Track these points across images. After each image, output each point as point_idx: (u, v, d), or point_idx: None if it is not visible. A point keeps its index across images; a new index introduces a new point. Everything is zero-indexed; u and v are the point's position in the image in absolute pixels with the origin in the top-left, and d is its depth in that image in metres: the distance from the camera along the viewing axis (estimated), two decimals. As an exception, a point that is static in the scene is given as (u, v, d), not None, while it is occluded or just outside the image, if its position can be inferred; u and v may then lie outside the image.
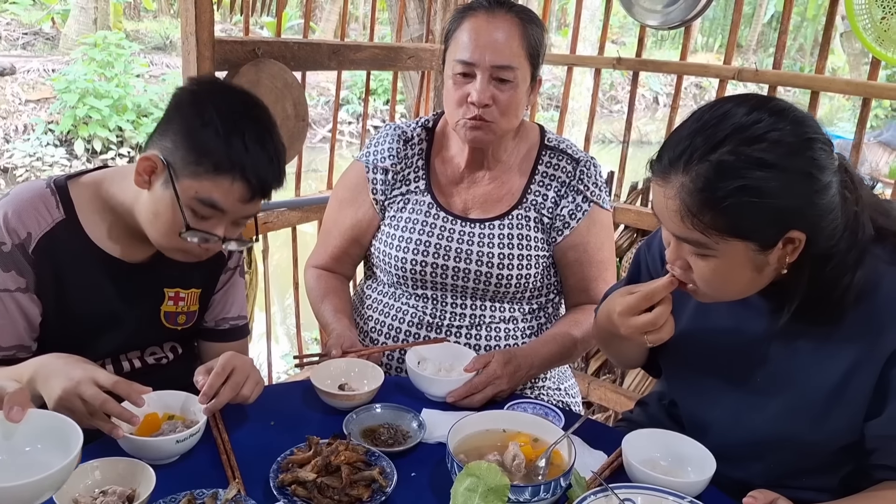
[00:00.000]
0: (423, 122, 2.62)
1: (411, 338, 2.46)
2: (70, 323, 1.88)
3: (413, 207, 2.49)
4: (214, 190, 1.84)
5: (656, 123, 20.84)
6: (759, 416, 1.85)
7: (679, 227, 1.63)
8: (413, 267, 2.43)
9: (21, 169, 12.18)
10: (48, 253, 1.92)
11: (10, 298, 1.90)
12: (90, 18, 16.31)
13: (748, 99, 1.62)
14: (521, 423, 1.88)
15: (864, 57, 16.27)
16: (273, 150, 1.90)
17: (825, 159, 1.57)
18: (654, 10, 3.76)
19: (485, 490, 1.54)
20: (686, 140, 1.59)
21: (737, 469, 1.89)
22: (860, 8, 3.20)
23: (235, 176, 1.83)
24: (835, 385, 1.74)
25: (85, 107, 12.83)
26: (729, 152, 1.53)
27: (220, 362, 1.89)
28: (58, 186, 1.98)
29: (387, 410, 2.02)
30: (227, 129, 1.82)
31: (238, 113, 1.87)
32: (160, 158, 1.85)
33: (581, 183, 2.48)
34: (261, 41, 3.20)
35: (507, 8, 2.32)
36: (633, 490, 1.68)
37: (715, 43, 28.74)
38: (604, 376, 4.35)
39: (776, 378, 1.83)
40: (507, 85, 2.30)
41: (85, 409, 1.67)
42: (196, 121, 1.84)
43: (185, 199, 1.85)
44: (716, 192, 1.54)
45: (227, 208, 1.87)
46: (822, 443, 1.80)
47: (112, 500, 1.54)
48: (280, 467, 1.71)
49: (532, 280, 2.44)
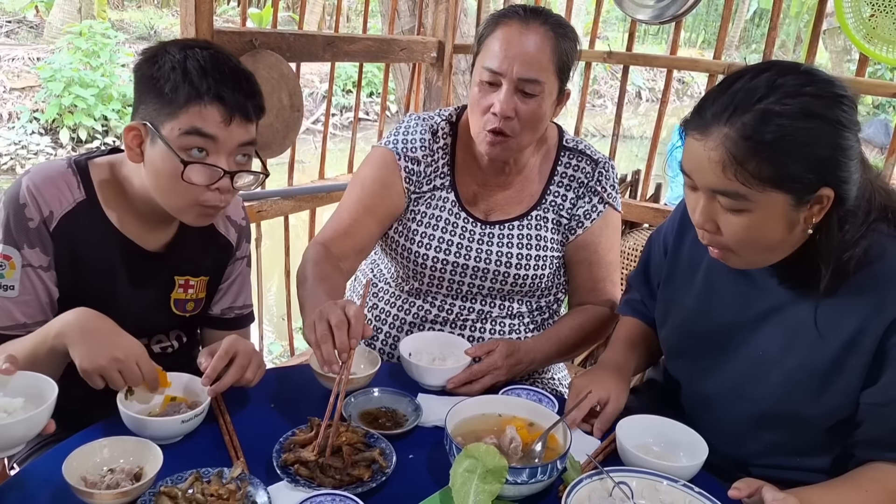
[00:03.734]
0: (447, 116, 2.56)
1: (415, 329, 2.48)
2: (81, 304, 1.89)
3: (437, 204, 2.48)
4: (193, 119, 1.85)
5: (639, 118, 20.85)
6: (759, 388, 1.89)
7: (719, 179, 1.64)
8: (434, 264, 2.44)
9: (6, 157, 12.09)
10: (68, 232, 1.94)
11: (35, 275, 1.92)
12: (74, 7, 16.19)
13: (777, 63, 1.67)
14: (517, 408, 1.91)
15: (847, 54, 16.35)
16: (234, 69, 1.92)
17: (854, 117, 1.62)
18: (644, 4, 3.78)
19: (483, 471, 1.58)
20: (729, 96, 1.63)
21: (733, 447, 1.94)
22: (848, 5, 3.24)
23: (203, 99, 1.84)
24: (834, 356, 1.78)
25: (70, 96, 12.73)
26: (774, 102, 1.57)
27: (222, 346, 1.92)
28: (78, 167, 1.99)
29: (384, 394, 2.05)
30: (181, 63, 1.85)
31: (188, 47, 1.90)
32: (141, 123, 1.89)
33: (599, 184, 2.49)
34: (258, 32, 3.22)
35: (542, 19, 2.27)
36: (628, 474, 1.70)
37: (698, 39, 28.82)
38: (590, 366, 4.38)
39: (777, 350, 1.87)
40: (532, 98, 2.26)
41: (118, 381, 1.77)
42: (153, 69, 1.87)
43: (174, 142, 1.86)
44: (762, 138, 1.57)
45: (214, 133, 1.87)
46: (820, 417, 1.84)
47: (120, 478, 1.56)
48: (282, 447, 1.74)
49: (545, 280, 2.47)
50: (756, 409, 1.92)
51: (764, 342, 1.90)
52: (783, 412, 1.87)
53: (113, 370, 1.75)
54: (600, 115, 19.82)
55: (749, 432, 1.96)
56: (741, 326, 1.94)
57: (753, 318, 1.92)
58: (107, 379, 1.76)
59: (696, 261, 2.06)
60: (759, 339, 1.91)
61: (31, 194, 1.89)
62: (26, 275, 1.91)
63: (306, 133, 14.13)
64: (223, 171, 1.90)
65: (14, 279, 1.90)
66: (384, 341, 2.51)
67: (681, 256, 2.11)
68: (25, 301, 1.92)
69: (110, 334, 1.80)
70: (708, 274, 2.02)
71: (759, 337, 1.91)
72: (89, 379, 1.75)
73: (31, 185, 1.90)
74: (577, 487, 1.63)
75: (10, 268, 1.89)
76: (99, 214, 1.99)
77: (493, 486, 1.57)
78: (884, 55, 3.24)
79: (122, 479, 1.56)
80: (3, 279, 1.89)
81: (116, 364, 1.75)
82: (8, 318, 1.91)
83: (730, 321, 1.96)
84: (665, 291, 2.16)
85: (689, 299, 2.05)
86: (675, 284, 2.12)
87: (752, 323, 1.92)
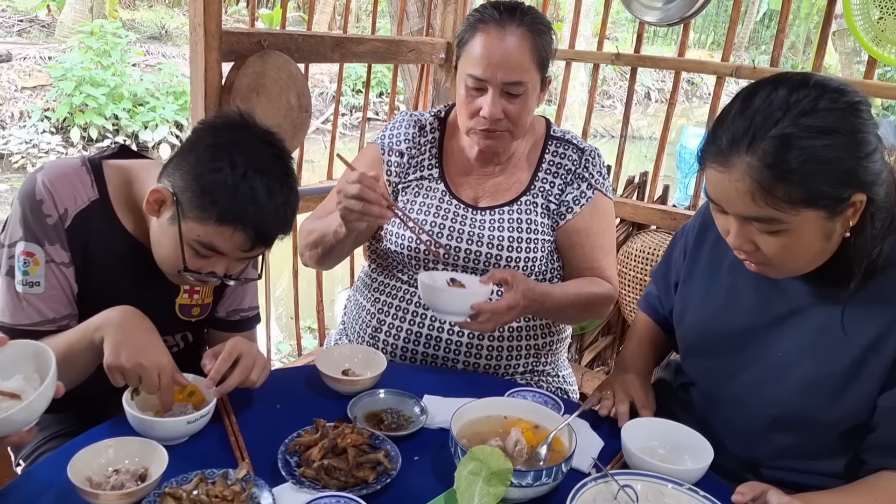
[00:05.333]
0: (436, 112, 2.66)
1: (418, 319, 2.48)
2: (89, 302, 1.91)
3: (427, 193, 2.53)
4: (216, 236, 1.86)
5: (648, 118, 20.78)
6: (776, 390, 1.89)
7: (749, 208, 1.64)
8: (427, 247, 2.45)
9: (17, 156, 12.11)
10: (82, 230, 1.95)
11: (59, 270, 1.93)
12: (86, 7, 16.24)
13: (786, 78, 1.65)
14: (522, 410, 1.91)
15: (857, 55, 16.29)
16: (282, 202, 1.89)
17: (871, 121, 1.62)
18: (652, 6, 3.78)
19: (488, 474, 1.58)
20: (743, 121, 1.62)
21: (745, 449, 1.94)
22: (857, 8, 3.24)
23: (237, 227, 1.84)
24: (855, 358, 1.78)
25: (81, 95, 12.75)
26: (790, 125, 1.56)
27: (226, 348, 1.92)
28: (93, 165, 2.00)
29: (389, 396, 2.05)
30: (236, 180, 1.82)
31: (253, 164, 1.85)
32: (171, 193, 1.87)
33: (586, 171, 2.53)
34: (266, 33, 3.22)
35: (518, 19, 2.32)
36: (633, 477, 1.71)
37: (707, 40, 28.75)
38: (597, 368, 4.39)
39: (796, 352, 1.87)
40: (518, 98, 2.34)
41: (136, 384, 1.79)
42: (208, 165, 1.84)
43: (188, 239, 1.87)
44: (786, 164, 1.56)
45: (228, 252, 1.90)
46: (835, 421, 1.83)
47: (125, 478, 1.57)
48: (288, 449, 1.75)
49: (538, 263, 2.48)
50: (772, 412, 1.91)
51: (783, 344, 1.90)
52: (799, 415, 1.87)
53: (133, 374, 1.76)
54: (609, 115, 19.77)
55: (762, 434, 1.95)
56: (761, 328, 1.94)
57: (773, 319, 1.92)
58: (126, 380, 1.78)
59: (717, 262, 2.06)
60: (779, 341, 1.91)
61: (47, 190, 1.90)
62: (50, 270, 1.92)
63: (316, 133, 14.14)
64: (218, 277, 1.96)
65: (39, 275, 1.91)
66: (385, 341, 2.51)
67: (700, 257, 2.12)
68: (52, 296, 1.93)
69: (144, 340, 1.82)
70: (731, 275, 2.02)
71: (779, 339, 1.91)
72: (111, 374, 1.77)
73: (46, 182, 1.91)
74: (582, 490, 1.63)
75: (35, 264, 1.91)
76: (111, 214, 2.00)
77: (497, 489, 1.57)
78: (892, 58, 3.23)
79: (127, 480, 1.57)
80: (29, 276, 1.90)
81: (138, 369, 1.76)
82: (37, 313, 1.92)
83: (749, 322, 1.96)
84: (683, 291, 2.17)
85: (709, 300, 2.05)
86: (693, 285, 2.12)
87: (771, 325, 1.92)
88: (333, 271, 2.89)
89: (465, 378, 2.36)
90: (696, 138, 9.29)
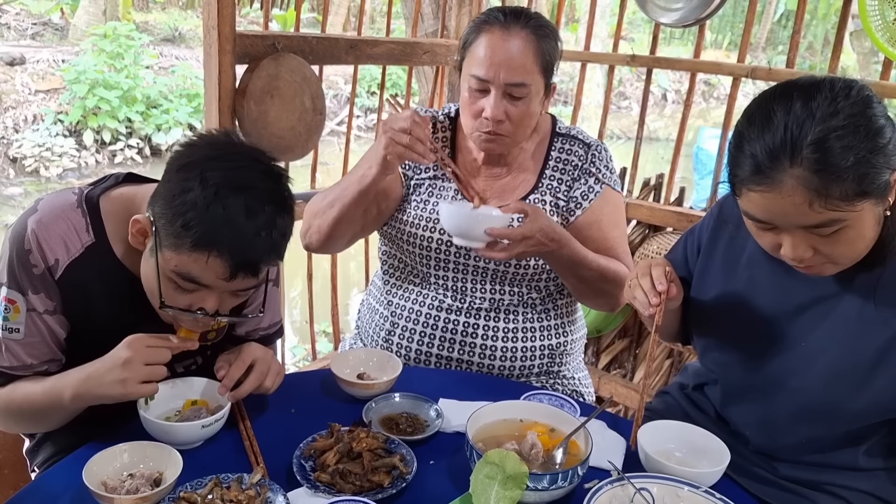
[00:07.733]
0: (447, 112, 2.67)
1: (432, 321, 2.49)
2: (98, 336, 1.83)
3: (440, 193, 2.53)
4: (192, 265, 1.70)
5: (665, 120, 20.76)
6: (801, 379, 1.88)
7: (809, 217, 1.62)
8: (439, 246, 2.47)
9: (30, 159, 12.14)
10: (76, 277, 1.87)
11: (39, 319, 1.86)
12: (99, 9, 16.30)
13: (795, 88, 1.65)
14: (538, 413, 1.91)
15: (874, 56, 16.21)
16: (264, 222, 1.70)
17: (881, 105, 1.64)
18: (668, 7, 3.76)
19: (504, 478, 1.58)
20: (774, 137, 1.61)
21: (767, 441, 1.95)
22: (873, 8, 3.22)
23: (212, 252, 1.67)
24: (881, 347, 1.77)
25: (94, 97, 12.77)
26: (822, 129, 1.56)
27: (241, 354, 1.92)
28: (89, 204, 1.91)
29: (405, 399, 2.05)
30: (208, 199, 1.65)
31: (228, 181, 1.68)
32: (150, 221, 1.75)
33: (593, 165, 2.53)
34: (280, 35, 3.22)
35: (522, 23, 2.34)
36: (649, 479, 1.71)
37: (724, 40, 28.65)
38: (614, 371, 4.37)
39: (821, 341, 1.86)
40: (521, 100, 2.34)
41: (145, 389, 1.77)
42: (179, 187, 1.69)
43: (166, 272, 1.74)
44: (834, 165, 1.56)
45: (211, 284, 1.73)
46: (860, 412, 1.83)
47: (140, 483, 1.57)
48: (303, 453, 1.75)
49: None
50: (797, 401, 1.90)
51: (807, 333, 1.89)
52: (824, 404, 1.86)
53: (133, 388, 1.73)
54: (626, 116, 19.71)
55: (786, 425, 1.95)
56: (783, 318, 1.93)
57: (796, 309, 1.91)
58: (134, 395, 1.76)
59: (733, 257, 2.05)
60: (802, 330, 1.90)
61: (35, 241, 1.82)
62: (31, 319, 1.86)
63: (331, 135, 14.18)
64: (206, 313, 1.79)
65: (19, 322, 1.85)
66: (399, 343, 2.51)
67: (716, 253, 2.11)
68: (31, 343, 1.87)
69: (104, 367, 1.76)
70: (749, 268, 2.02)
71: (802, 328, 1.90)
72: (133, 398, 1.77)
73: (36, 231, 1.83)
74: (599, 493, 1.63)
75: (15, 311, 1.85)
76: (108, 255, 1.91)
77: (513, 493, 1.57)
78: (908, 59, 3.21)
79: (142, 484, 1.57)
80: (9, 322, 1.85)
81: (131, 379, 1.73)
82: (15, 358, 1.87)
83: (772, 313, 1.95)
84: (699, 286, 2.15)
85: (729, 293, 2.04)
86: (710, 280, 2.11)
87: (795, 314, 1.92)
88: (348, 273, 2.89)
89: (481, 381, 2.36)
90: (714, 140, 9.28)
